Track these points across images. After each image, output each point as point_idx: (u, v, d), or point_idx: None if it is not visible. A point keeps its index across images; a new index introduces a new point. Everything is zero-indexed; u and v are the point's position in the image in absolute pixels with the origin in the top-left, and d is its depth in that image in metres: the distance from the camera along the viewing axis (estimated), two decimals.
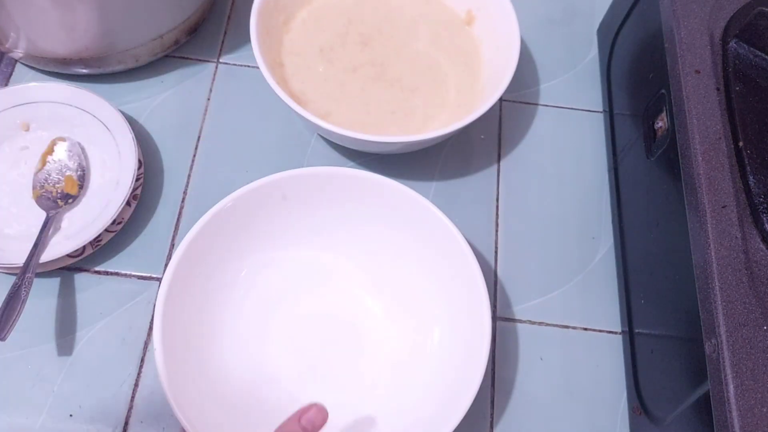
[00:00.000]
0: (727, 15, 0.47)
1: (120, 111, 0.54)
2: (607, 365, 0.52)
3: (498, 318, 0.53)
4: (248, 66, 0.62)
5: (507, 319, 0.53)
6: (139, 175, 0.53)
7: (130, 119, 0.58)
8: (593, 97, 0.63)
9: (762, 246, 0.40)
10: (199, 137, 0.58)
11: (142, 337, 0.51)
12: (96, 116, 0.54)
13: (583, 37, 0.66)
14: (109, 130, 0.54)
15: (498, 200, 0.58)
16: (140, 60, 0.58)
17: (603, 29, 0.64)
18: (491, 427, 0.50)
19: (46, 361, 0.49)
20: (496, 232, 0.57)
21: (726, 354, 0.36)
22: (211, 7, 0.63)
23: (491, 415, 0.50)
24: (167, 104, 0.60)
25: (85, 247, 0.51)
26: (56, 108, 0.55)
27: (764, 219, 0.40)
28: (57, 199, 0.52)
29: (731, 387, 0.35)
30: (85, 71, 0.58)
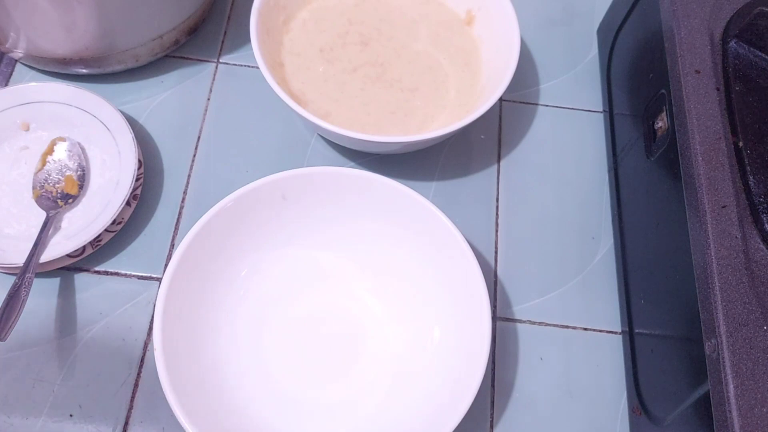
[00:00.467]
0: (727, 15, 0.47)
1: (120, 111, 0.54)
2: (607, 365, 0.52)
3: (498, 318, 0.53)
4: (248, 66, 0.62)
5: (507, 319, 0.53)
6: (139, 175, 0.53)
7: (130, 119, 0.58)
8: (593, 97, 0.63)
9: (762, 246, 0.40)
10: (199, 137, 0.58)
11: (142, 337, 0.51)
12: (96, 116, 0.54)
13: (583, 37, 0.66)
14: (109, 130, 0.54)
15: (498, 200, 0.58)
16: (140, 60, 0.58)
17: (603, 29, 0.64)
18: (491, 427, 0.50)
19: (46, 361, 0.49)
20: (496, 232, 0.57)
21: (726, 354, 0.36)
22: (211, 7, 0.63)
23: (491, 415, 0.50)
24: (167, 104, 0.60)
25: (85, 247, 0.51)
26: (56, 108, 0.55)
27: (764, 219, 0.40)
28: (57, 199, 0.52)
29: (731, 387, 0.35)
30: (85, 71, 0.58)
